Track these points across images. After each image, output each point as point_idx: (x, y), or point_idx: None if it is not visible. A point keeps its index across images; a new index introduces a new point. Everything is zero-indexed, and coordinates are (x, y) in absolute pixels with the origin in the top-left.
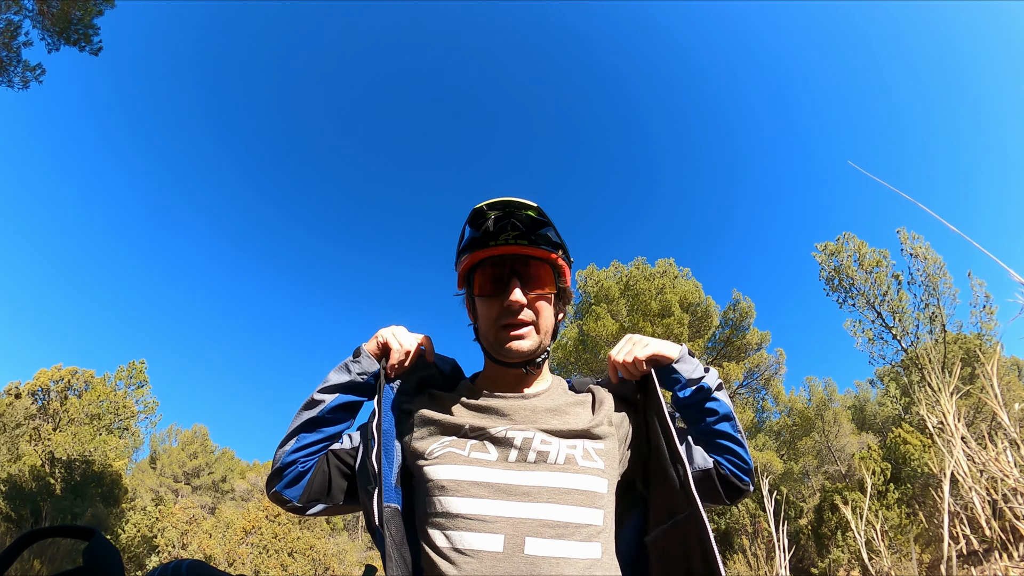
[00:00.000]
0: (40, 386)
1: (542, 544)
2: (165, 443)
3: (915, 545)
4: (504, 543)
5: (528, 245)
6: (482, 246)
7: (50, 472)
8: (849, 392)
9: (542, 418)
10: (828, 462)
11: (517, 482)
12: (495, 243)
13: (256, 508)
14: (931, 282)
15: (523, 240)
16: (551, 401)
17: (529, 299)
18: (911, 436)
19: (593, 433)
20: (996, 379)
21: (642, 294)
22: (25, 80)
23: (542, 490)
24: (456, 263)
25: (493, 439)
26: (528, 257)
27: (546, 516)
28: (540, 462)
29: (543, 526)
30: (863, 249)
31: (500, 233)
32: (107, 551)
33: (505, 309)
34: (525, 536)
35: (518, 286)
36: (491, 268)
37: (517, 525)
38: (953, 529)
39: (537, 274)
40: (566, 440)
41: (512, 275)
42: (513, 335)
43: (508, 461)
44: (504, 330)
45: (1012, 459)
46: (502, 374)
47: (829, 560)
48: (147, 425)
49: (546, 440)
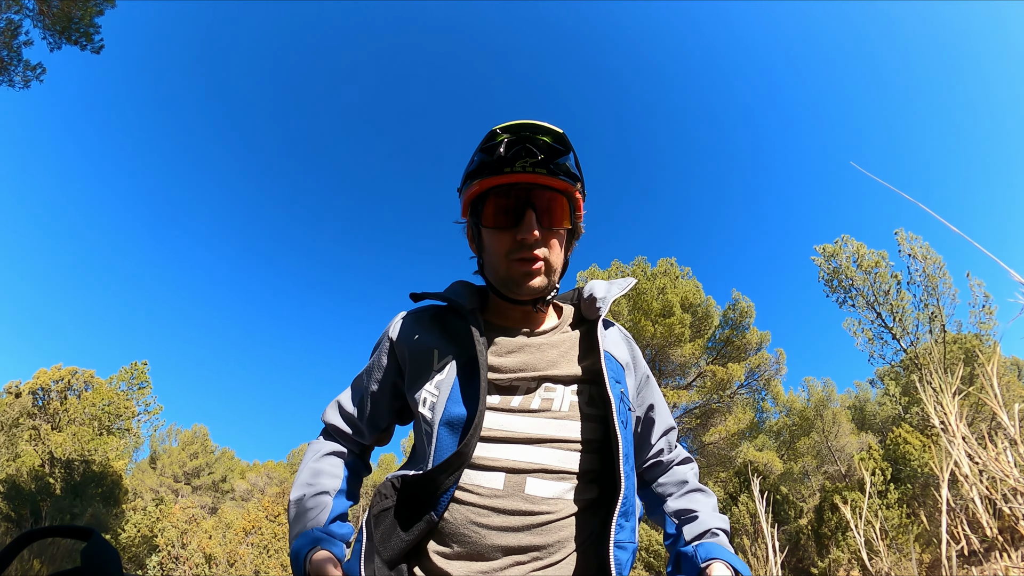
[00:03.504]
0: (40, 386)
1: (541, 484)
2: (165, 443)
3: (915, 545)
4: (504, 481)
5: (546, 174)
6: (495, 172)
7: (50, 472)
8: (849, 392)
9: (547, 362)
10: (828, 462)
11: (519, 428)
12: (510, 170)
13: (256, 508)
14: (930, 282)
15: (541, 168)
16: (558, 343)
17: (544, 234)
18: (911, 436)
19: (598, 377)
20: (996, 379)
21: (643, 294)
22: (26, 79)
23: (543, 438)
24: (461, 188)
25: (497, 386)
26: (545, 187)
27: (546, 461)
28: (544, 410)
29: (543, 470)
30: (862, 250)
31: (516, 159)
32: (106, 552)
33: (518, 243)
34: (526, 476)
35: (534, 218)
36: (504, 197)
37: (517, 466)
38: (954, 529)
39: (553, 207)
40: (570, 386)
41: (527, 206)
42: (526, 271)
43: (511, 408)
44: (516, 265)
45: (1012, 459)
46: (508, 309)
47: (829, 560)
48: (147, 426)
49: (550, 387)
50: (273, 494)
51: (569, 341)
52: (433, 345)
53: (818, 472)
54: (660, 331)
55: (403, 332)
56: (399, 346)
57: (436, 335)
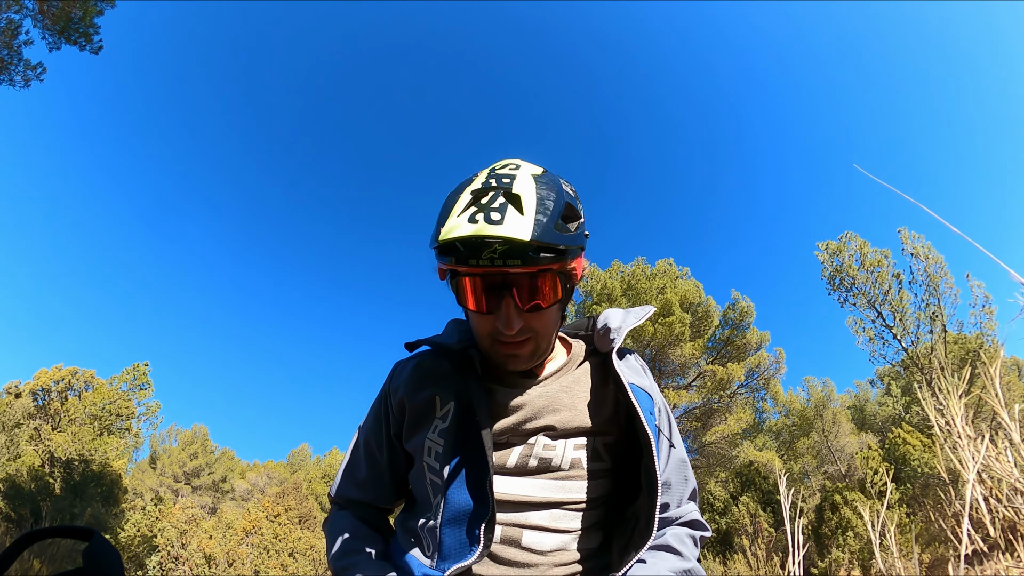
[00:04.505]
0: (40, 386)
1: (540, 537)
2: (165, 443)
3: (915, 545)
4: (501, 535)
5: (521, 265)
6: (460, 262)
7: (50, 472)
8: (849, 392)
9: (549, 412)
10: (828, 462)
11: (516, 491)
12: (475, 263)
13: (256, 508)
14: (932, 282)
15: (514, 260)
16: (564, 388)
17: (528, 316)
18: (911, 436)
19: (603, 429)
20: (998, 379)
21: (643, 294)
22: (26, 79)
23: (542, 502)
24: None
25: (494, 442)
26: (523, 273)
27: (545, 523)
28: (543, 470)
29: (542, 528)
30: (865, 249)
31: (482, 250)
32: (107, 552)
33: (500, 328)
34: (523, 531)
35: (512, 307)
36: (480, 280)
37: (514, 522)
38: (958, 529)
39: (538, 285)
40: (572, 439)
41: (505, 293)
42: (509, 354)
43: (507, 468)
44: (499, 347)
45: (1012, 459)
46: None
47: (829, 560)
48: (148, 425)
49: (549, 444)
50: (273, 494)
51: (578, 383)
52: (434, 392)
53: (818, 472)
54: (659, 331)
55: (401, 383)
56: (397, 398)
57: (433, 382)
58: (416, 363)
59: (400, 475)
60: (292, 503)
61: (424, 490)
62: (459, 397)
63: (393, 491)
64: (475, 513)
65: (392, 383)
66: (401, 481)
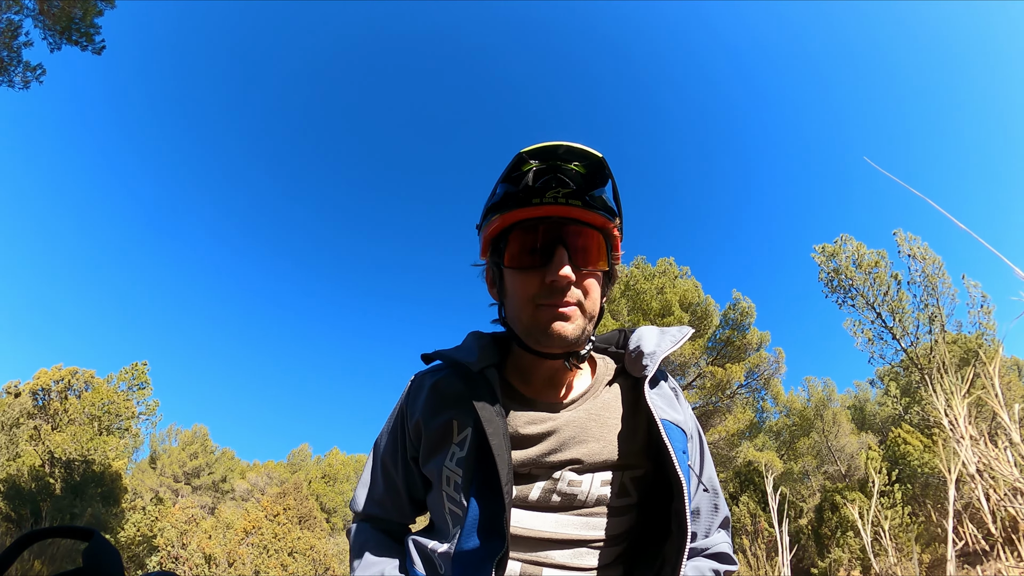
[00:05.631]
0: (40, 386)
1: (561, 575)
2: (165, 443)
3: (916, 545)
4: (520, 571)
5: (581, 207)
6: (521, 204)
7: (50, 472)
8: (849, 392)
9: (575, 443)
10: (828, 462)
11: (538, 527)
12: (539, 201)
13: (256, 508)
14: (930, 282)
15: (575, 200)
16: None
17: (577, 276)
18: (911, 436)
19: (631, 463)
20: (998, 379)
21: (642, 293)
22: (26, 80)
23: (565, 539)
24: (481, 224)
25: (515, 473)
26: (579, 222)
27: (566, 560)
28: (566, 507)
29: (562, 566)
30: (861, 250)
31: (546, 189)
32: (107, 552)
33: (547, 286)
34: (542, 568)
35: (566, 256)
36: (531, 233)
37: (534, 559)
38: (960, 528)
39: (588, 245)
40: (598, 473)
41: (557, 243)
42: (555, 316)
43: (528, 502)
44: (544, 310)
45: (1012, 459)
46: (535, 366)
47: (829, 560)
48: (147, 425)
49: (574, 480)
50: (273, 494)
51: (607, 410)
52: (451, 416)
53: (818, 472)
54: None
55: (418, 407)
56: (413, 421)
57: (452, 402)
58: (433, 383)
59: (418, 496)
60: (292, 503)
61: (442, 516)
62: (476, 423)
63: (412, 509)
64: (489, 549)
65: (409, 402)
66: (420, 500)
